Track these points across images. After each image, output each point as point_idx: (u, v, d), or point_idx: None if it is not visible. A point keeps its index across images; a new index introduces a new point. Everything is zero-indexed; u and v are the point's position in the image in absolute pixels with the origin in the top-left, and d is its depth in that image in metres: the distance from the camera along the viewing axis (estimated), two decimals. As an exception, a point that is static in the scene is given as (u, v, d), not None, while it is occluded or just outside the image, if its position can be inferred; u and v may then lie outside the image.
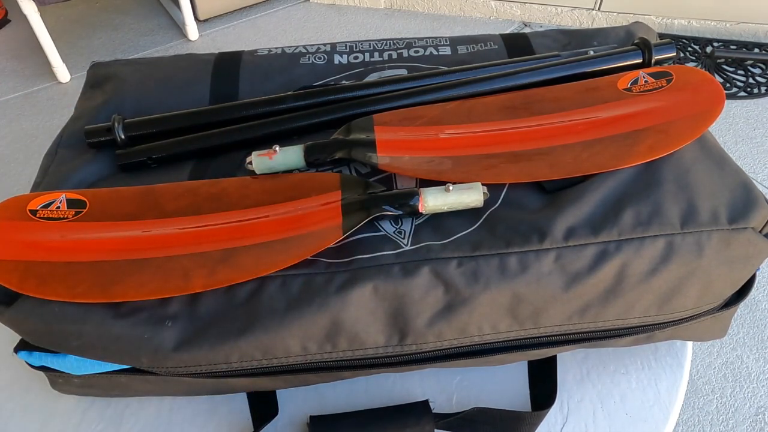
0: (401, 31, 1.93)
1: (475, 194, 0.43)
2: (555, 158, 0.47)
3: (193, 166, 0.52)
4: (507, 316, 0.43)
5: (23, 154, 1.49)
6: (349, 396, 0.50)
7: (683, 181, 0.44)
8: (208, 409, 0.50)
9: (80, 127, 0.54)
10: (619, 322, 0.46)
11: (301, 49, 0.63)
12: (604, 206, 0.43)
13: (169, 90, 0.58)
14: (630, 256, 0.42)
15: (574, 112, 0.50)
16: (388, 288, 0.41)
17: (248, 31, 1.94)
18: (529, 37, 0.63)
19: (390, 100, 0.54)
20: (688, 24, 1.83)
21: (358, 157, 0.48)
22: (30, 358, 0.45)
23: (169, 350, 0.41)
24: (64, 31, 1.96)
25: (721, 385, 1.05)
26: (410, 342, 0.44)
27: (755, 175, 1.42)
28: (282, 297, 0.41)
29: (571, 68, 0.55)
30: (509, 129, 0.50)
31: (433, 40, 0.63)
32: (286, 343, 0.42)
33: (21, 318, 0.42)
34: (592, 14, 1.86)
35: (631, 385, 0.51)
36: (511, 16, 1.95)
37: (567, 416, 0.49)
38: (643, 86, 0.51)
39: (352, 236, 0.44)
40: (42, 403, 0.51)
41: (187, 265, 0.43)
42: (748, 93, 1.64)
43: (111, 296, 0.41)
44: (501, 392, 0.51)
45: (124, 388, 0.48)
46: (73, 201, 0.47)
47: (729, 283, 0.46)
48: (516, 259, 0.42)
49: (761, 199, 0.44)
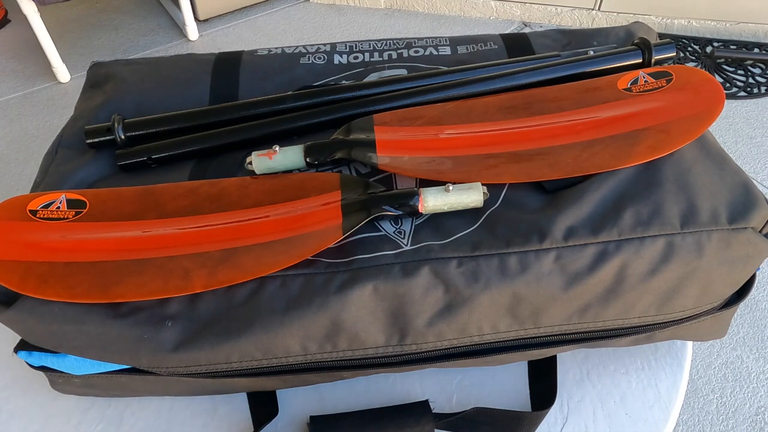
0: (401, 31, 1.93)
1: (475, 194, 0.43)
2: (555, 158, 0.47)
3: (193, 166, 0.52)
4: (507, 315, 0.43)
5: (23, 154, 1.49)
6: (349, 396, 0.50)
7: (683, 181, 0.44)
8: (208, 409, 0.50)
9: (80, 127, 0.54)
10: (619, 322, 0.46)
11: (301, 49, 0.63)
12: (604, 206, 0.43)
13: (169, 90, 0.58)
14: (630, 256, 0.42)
15: (574, 112, 0.50)
16: (388, 288, 0.41)
17: (248, 31, 1.94)
18: (529, 37, 0.63)
19: (390, 100, 0.54)
20: (688, 24, 1.83)
21: (358, 157, 0.48)
22: (30, 358, 0.45)
23: (168, 350, 0.41)
24: (64, 31, 1.96)
25: (721, 385, 1.05)
26: (410, 342, 0.44)
27: (755, 175, 1.42)
28: (282, 297, 0.41)
29: (571, 68, 0.55)
30: (509, 129, 0.50)
31: (433, 40, 0.63)
32: (286, 343, 0.42)
33: (21, 318, 0.42)
34: (592, 14, 1.86)
35: (631, 385, 0.51)
36: (511, 16, 1.95)
37: (567, 416, 0.49)
38: (643, 86, 0.51)
39: (352, 236, 0.44)
40: (42, 403, 0.51)
41: (187, 265, 0.43)
42: (748, 93, 1.64)
43: (111, 296, 0.41)
44: (501, 392, 0.51)
45: (124, 388, 0.48)
46: (73, 201, 0.47)
47: (729, 283, 0.46)
48: (516, 259, 0.42)
49: (761, 199, 0.44)
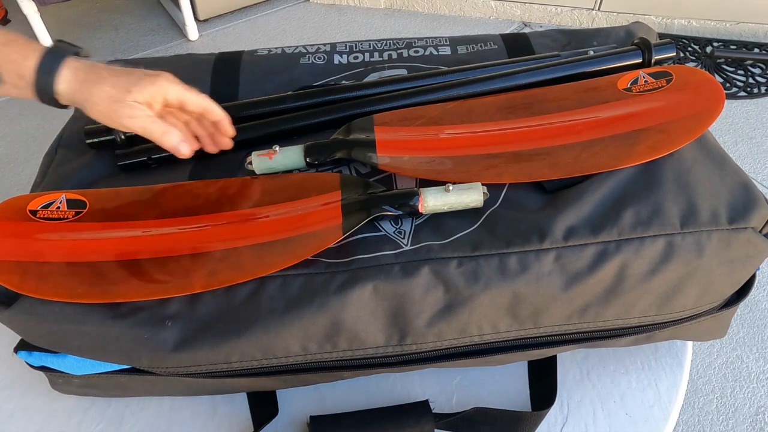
0: (401, 31, 1.93)
1: (475, 194, 0.43)
2: (555, 158, 0.47)
3: (193, 166, 0.52)
4: (507, 315, 0.43)
5: (23, 154, 1.49)
6: (349, 396, 0.50)
7: (683, 181, 0.44)
8: (208, 409, 0.50)
9: (80, 127, 0.54)
10: (619, 322, 0.46)
11: (301, 49, 0.63)
12: (604, 206, 0.43)
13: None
14: (630, 256, 0.42)
15: (574, 112, 0.50)
16: (388, 288, 0.41)
17: (248, 31, 1.94)
18: (529, 37, 0.63)
19: (390, 100, 0.54)
20: (688, 24, 1.83)
21: (358, 157, 0.48)
22: (30, 358, 0.45)
23: (168, 350, 0.41)
24: (64, 31, 1.96)
25: (721, 385, 1.05)
26: (410, 342, 0.44)
27: (755, 175, 1.42)
28: (282, 297, 0.41)
29: (571, 68, 0.55)
30: (509, 129, 0.50)
31: (433, 40, 0.63)
32: (286, 343, 0.42)
33: (21, 318, 0.42)
34: (592, 14, 1.86)
35: (631, 385, 0.51)
36: (511, 16, 1.94)
37: (567, 416, 0.49)
38: (643, 86, 0.51)
39: (352, 236, 0.44)
40: (42, 403, 0.51)
41: (187, 265, 0.43)
42: (748, 93, 1.64)
43: (111, 296, 0.41)
44: (501, 392, 0.51)
45: (124, 388, 0.48)
46: (73, 201, 0.47)
47: (729, 283, 0.46)
48: (516, 259, 0.42)
49: (761, 199, 0.44)
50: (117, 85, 0.42)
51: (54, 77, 0.42)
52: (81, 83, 0.42)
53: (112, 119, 0.43)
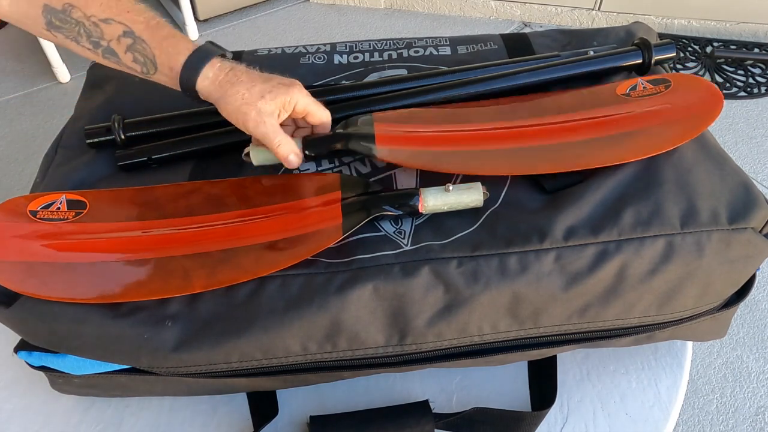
0: (401, 31, 1.93)
1: (474, 194, 0.43)
2: (555, 154, 0.47)
3: (193, 166, 0.52)
4: (507, 315, 0.43)
5: (23, 154, 1.49)
6: (349, 396, 0.50)
7: (683, 181, 0.44)
8: (208, 409, 0.50)
9: (80, 128, 0.54)
10: (619, 322, 0.46)
11: (301, 49, 0.63)
12: (604, 206, 0.43)
13: (169, 90, 0.58)
14: (630, 256, 0.42)
15: (574, 114, 0.50)
16: (388, 288, 0.41)
17: (248, 31, 1.94)
18: (529, 37, 0.63)
19: (390, 100, 0.54)
20: (688, 24, 1.83)
21: (356, 149, 0.47)
22: (30, 358, 0.45)
23: (168, 350, 0.41)
24: (64, 31, 1.96)
25: (721, 385, 1.05)
26: (410, 342, 0.44)
27: (755, 175, 1.42)
28: (282, 297, 0.41)
29: (571, 68, 0.55)
30: (509, 128, 0.50)
31: (433, 40, 0.63)
32: (286, 343, 0.42)
33: (21, 318, 0.42)
34: (592, 14, 1.86)
35: (631, 385, 0.51)
36: (511, 16, 1.94)
37: (567, 416, 0.49)
38: (641, 92, 0.51)
39: (352, 236, 0.44)
40: (42, 403, 0.51)
41: (187, 266, 0.43)
42: (748, 93, 1.64)
43: (111, 296, 0.41)
44: (501, 392, 0.51)
45: (124, 388, 0.48)
46: (73, 202, 0.47)
47: (729, 283, 0.46)
48: (516, 259, 0.42)
49: (761, 199, 0.44)
50: (252, 89, 0.44)
51: (197, 74, 0.45)
52: (220, 82, 0.45)
53: (238, 120, 0.45)
